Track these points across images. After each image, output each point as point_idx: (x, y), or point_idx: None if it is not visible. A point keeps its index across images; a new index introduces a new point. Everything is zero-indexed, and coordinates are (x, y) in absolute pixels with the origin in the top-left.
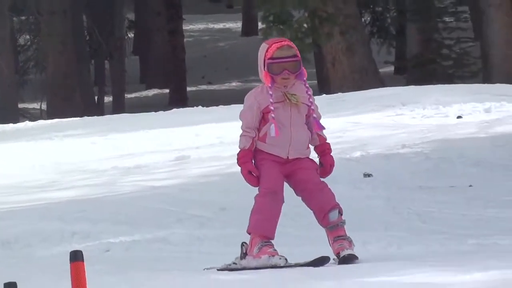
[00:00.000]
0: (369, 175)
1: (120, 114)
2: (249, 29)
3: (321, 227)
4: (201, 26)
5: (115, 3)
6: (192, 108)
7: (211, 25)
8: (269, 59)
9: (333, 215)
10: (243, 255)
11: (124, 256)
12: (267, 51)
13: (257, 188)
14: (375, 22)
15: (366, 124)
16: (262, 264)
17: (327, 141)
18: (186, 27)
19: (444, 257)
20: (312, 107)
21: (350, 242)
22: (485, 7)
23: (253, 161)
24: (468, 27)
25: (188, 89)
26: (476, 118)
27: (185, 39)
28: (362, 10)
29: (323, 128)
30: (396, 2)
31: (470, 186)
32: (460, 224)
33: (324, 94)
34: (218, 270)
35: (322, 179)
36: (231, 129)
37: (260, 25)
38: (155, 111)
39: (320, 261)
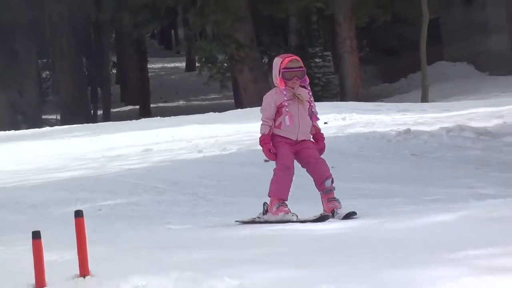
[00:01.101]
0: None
1: (107, 122)
2: (190, 67)
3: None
4: (159, 65)
5: (104, 51)
6: (154, 118)
7: (165, 64)
8: (283, 68)
9: (328, 183)
10: (265, 212)
11: (110, 213)
12: (281, 63)
13: (274, 162)
14: (270, 62)
15: (216, 134)
16: (280, 219)
17: (321, 132)
18: (150, 66)
19: (319, 211)
20: (312, 104)
21: (339, 202)
22: (341, 53)
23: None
24: (330, 65)
25: (151, 106)
26: (336, 123)
27: (149, 74)
28: (262, 54)
29: (318, 119)
30: (284, 49)
31: (332, 167)
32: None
33: (239, 109)
34: (245, 222)
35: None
36: (179, 131)
37: (197, 64)
38: (130, 120)
39: (323, 218)
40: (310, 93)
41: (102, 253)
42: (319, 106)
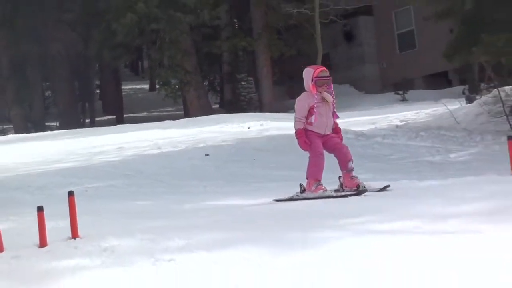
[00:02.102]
0: (207, 155)
1: (92, 128)
2: (152, 87)
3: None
4: (130, 86)
5: (90, 76)
6: (126, 124)
7: (134, 86)
8: (315, 77)
9: (350, 164)
10: (302, 191)
11: (94, 193)
12: (313, 72)
13: (308, 151)
14: (210, 84)
15: (209, 131)
16: (319, 195)
17: (339, 126)
18: (123, 87)
19: (247, 191)
20: (334, 105)
21: (358, 178)
22: (260, 77)
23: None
24: (252, 86)
25: (124, 116)
26: (256, 128)
27: (122, 92)
28: (203, 79)
29: (338, 117)
30: (219, 75)
31: (254, 159)
32: (249, 176)
33: (187, 118)
34: (283, 200)
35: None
36: (144, 134)
37: (157, 86)
38: (109, 126)
39: (360, 193)
40: (334, 97)
41: (88, 222)
42: (245, 116)
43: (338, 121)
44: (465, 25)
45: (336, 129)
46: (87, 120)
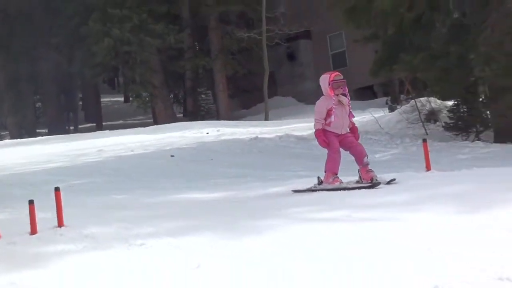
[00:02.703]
0: (172, 156)
1: (76, 134)
2: (126, 99)
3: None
4: (107, 99)
5: (74, 90)
6: (104, 131)
7: (111, 98)
8: (332, 81)
9: (366, 159)
10: (320, 183)
11: (77, 189)
12: (329, 77)
13: (326, 149)
14: (175, 97)
15: (174, 136)
16: (336, 187)
17: (356, 125)
18: (102, 99)
19: (206, 186)
20: (350, 107)
21: (374, 172)
22: (217, 91)
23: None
24: (210, 98)
25: (103, 123)
26: (214, 133)
27: (101, 104)
28: (169, 93)
29: (353, 117)
30: (182, 90)
31: (211, 159)
32: (207, 174)
33: (156, 125)
34: (302, 191)
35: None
36: (120, 138)
37: (130, 98)
38: (90, 132)
39: (374, 185)
40: (349, 99)
41: (72, 213)
42: (204, 124)
43: (354, 119)
44: (387, 47)
45: (353, 129)
46: (72, 127)
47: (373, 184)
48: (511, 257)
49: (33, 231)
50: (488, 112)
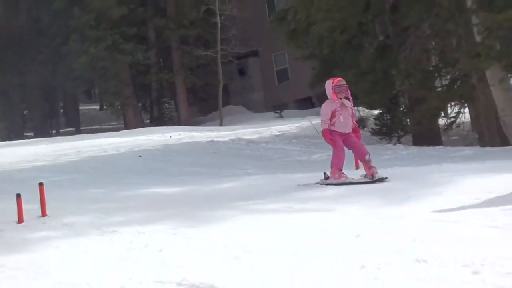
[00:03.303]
0: (140, 156)
1: (58, 137)
2: (101, 108)
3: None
4: (85, 107)
5: (56, 99)
6: (82, 134)
7: (88, 107)
8: (334, 86)
9: (367, 156)
10: (326, 178)
11: (59, 184)
12: (333, 82)
13: (331, 146)
14: (142, 105)
15: (142, 139)
16: (342, 181)
17: (357, 125)
18: (80, 107)
19: (169, 182)
20: (352, 108)
21: (376, 168)
22: (178, 101)
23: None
24: (173, 107)
25: (81, 128)
26: (176, 137)
27: (79, 111)
28: (138, 102)
29: (356, 118)
30: (149, 99)
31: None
32: (170, 171)
33: (126, 130)
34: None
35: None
36: (95, 141)
37: (105, 106)
38: (70, 136)
39: (380, 180)
40: (351, 101)
41: (53, 205)
42: (167, 129)
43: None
44: (323, 64)
45: (355, 129)
46: (54, 131)
47: (377, 179)
48: (426, 242)
49: (20, 220)
50: (407, 119)
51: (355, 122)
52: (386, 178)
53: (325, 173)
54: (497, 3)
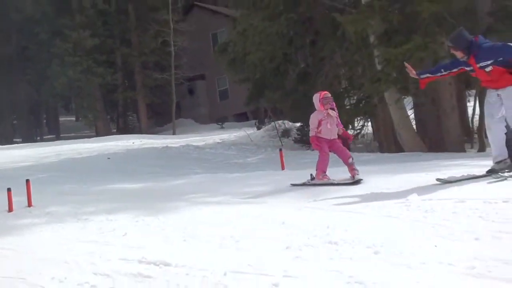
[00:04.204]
0: (109, 158)
1: (42, 142)
2: (77, 119)
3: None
4: (64, 118)
5: (40, 112)
6: (61, 141)
7: (67, 118)
8: (322, 98)
9: (350, 160)
10: (312, 178)
11: (42, 181)
12: (320, 95)
13: (318, 151)
14: (111, 118)
15: (110, 145)
16: (325, 182)
17: (343, 128)
18: (60, 119)
19: (133, 179)
20: (338, 118)
21: (358, 170)
22: (140, 114)
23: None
24: (135, 119)
25: (61, 135)
26: (138, 143)
27: (60, 123)
28: (107, 115)
29: (342, 126)
30: (116, 113)
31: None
32: (133, 170)
33: (98, 137)
34: (299, 185)
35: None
36: (72, 146)
37: (80, 118)
38: (51, 141)
39: (357, 182)
40: (336, 111)
41: (38, 197)
42: (131, 137)
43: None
44: (256, 86)
45: (344, 133)
46: (38, 138)
47: (355, 180)
48: (337, 229)
49: (10, 209)
50: None
51: (342, 128)
52: (362, 179)
53: (311, 174)
54: (393, 40)
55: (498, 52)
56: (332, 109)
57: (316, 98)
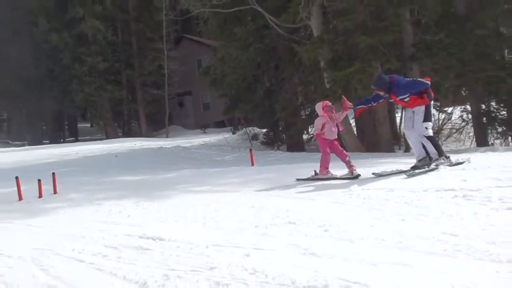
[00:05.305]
0: (116, 156)
1: (64, 144)
2: (92, 125)
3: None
4: (82, 125)
5: (63, 121)
6: (79, 142)
7: (83, 125)
8: (325, 106)
9: (347, 158)
10: (316, 174)
11: (64, 174)
12: (322, 104)
13: (321, 151)
14: (118, 124)
15: (117, 146)
16: (328, 177)
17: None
18: (78, 125)
19: (134, 173)
20: (338, 121)
21: (355, 167)
22: (141, 122)
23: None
24: (137, 126)
25: (79, 138)
26: (138, 144)
27: (78, 128)
28: (115, 122)
29: (341, 128)
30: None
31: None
32: (135, 166)
33: (107, 139)
34: (304, 179)
35: (340, 149)
36: (88, 147)
37: (94, 125)
38: (71, 143)
39: (356, 177)
40: (337, 116)
41: (61, 186)
42: (134, 139)
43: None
44: (232, 100)
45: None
46: (62, 140)
47: (354, 176)
48: (295, 211)
49: (40, 195)
50: (283, 135)
51: (341, 129)
52: (360, 175)
53: (315, 171)
54: (339, 65)
55: (412, 87)
56: (332, 113)
57: (319, 106)
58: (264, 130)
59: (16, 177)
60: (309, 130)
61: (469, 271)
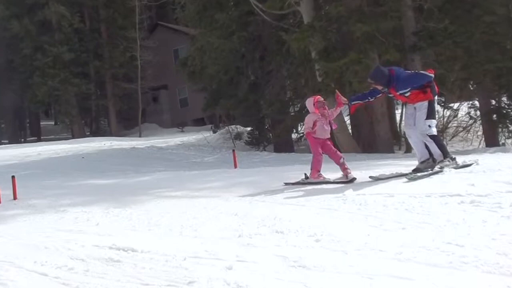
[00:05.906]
0: (83, 157)
1: (25, 143)
2: (56, 123)
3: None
4: (45, 123)
5: (24, 118)
6: (42, 142)
7: (47, 123)
8: (316, 102)
9: (341, 160)
10: (306, 178)
11: (28, 177)
12: (314, 99)
13: (313, 152)
14: (85, 122)
15: (84, 146)
16: (320, 180)
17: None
18: (41, 123)
19: (104, 175)
20: (331, 119)
21: (350, 169)
22: (111, 119)
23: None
24: (107, 124)
25: (42, 137)
26: (108, 144)
27: (40, 126)
28: (82, 120)
29: (335, 126)
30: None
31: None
32: (104, 168)
33: (73, 139)
34: (293, 184)
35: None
36: (52, 147)
37: (58, 123)
38: (33, 143)
39: (351, 181)
40: (330, 113)
41: (21, 191)
42: (103, 139)
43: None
44: (212, 95)
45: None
46: (22, 140)
47: (349, 180)
48: (283, 219)
49: None
50: (270, 134)
51: (334, 127)
52: (355, 178)
53: (305, 174)
54: (332, 55)
55: (414, 81)
56: (324, 111)
57: (310, 102)
58: (249, 129)
59: None
60: (299, 128)
61: (477, 285)
